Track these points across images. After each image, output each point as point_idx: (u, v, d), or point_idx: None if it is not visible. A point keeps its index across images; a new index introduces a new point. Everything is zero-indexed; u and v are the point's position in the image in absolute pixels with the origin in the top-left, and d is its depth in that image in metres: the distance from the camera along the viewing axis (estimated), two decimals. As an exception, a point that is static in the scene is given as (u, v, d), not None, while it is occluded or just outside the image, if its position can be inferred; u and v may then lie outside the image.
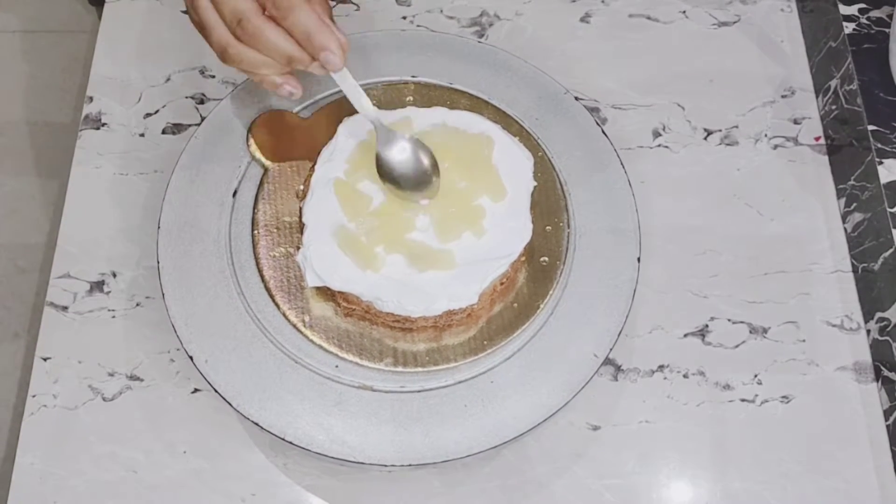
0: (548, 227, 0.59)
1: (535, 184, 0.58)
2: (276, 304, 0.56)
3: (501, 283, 0.56)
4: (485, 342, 0.55)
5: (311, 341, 0.55)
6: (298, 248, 0.56)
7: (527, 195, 0.57)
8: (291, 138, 0.61)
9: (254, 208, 0.59)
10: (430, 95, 0.63)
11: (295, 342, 0.55)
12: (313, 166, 0.58)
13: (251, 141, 0.61)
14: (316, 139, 0.59)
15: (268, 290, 0.56)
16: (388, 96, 0.63)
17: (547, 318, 0.56)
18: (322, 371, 0.54)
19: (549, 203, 0.60)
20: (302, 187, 0.59)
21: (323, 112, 0.62)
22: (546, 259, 0.58)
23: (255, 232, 0.58)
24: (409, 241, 0.55)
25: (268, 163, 0.60)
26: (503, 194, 0.56)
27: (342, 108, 0.59)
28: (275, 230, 0.58)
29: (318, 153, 0.58)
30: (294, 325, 0.55)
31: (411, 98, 0.63)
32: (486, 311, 0.56)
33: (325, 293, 0.56)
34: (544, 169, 0.61)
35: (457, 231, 0.55)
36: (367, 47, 0.65)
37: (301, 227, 0.56)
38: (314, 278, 0.54)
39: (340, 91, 0.53)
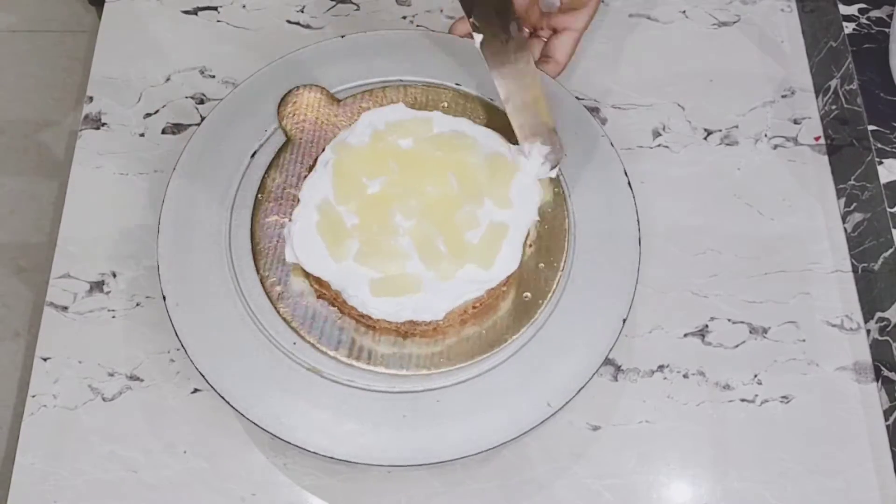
0: (541, 265, 0.58)
1: (538, 219, 0.58)
2: (257, 269, 0.56)
3: (475, 307, 0.56)
4: (443, 360, 0.55)
5: (277, 313, 0.55)
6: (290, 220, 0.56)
7: (524, 227, 0.56)
8: (317, 115, 0.62)
9: (264, 175, 0.60)
10: (464, 106, 0.63)
11: (263, 311, 0.55)
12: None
13: (283, 107, 0.61)
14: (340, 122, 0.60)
15: (254, 254, 0.57)
16: (426, 97, 0.63)
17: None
18: (282, 346, 0.55)
19: (552, 241, 0.59)
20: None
21: (357, 99, 0.62)
22: (528, 295, 0.57)
23: (259, 196, 0.59)
24: (390, 248, 0.55)
25: (292, 132, 0.60)
26: (508, 202, 0.56)
27: (375, 99, 0.61)
28: (279, 199, 0.59)
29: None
30: (267, 294, 0.56)
31: (446, 104, 0.63)
32: (454, 329, 0.55)
33: (304, 271, 0.56)
34: (558, 206, 0.60)
35: (438, 258, 0.55)
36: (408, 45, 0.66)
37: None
38: (291, 254, 0.55)
39: (379, 82, 0.57)
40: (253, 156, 0.61)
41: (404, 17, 0.74)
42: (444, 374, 0.54)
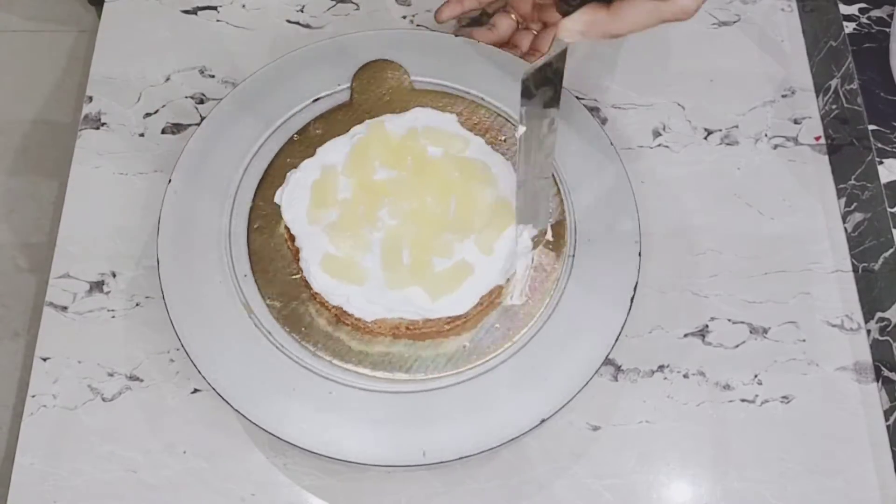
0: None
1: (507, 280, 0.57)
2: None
3: (408, 328, 0.55)
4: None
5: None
6: None
7: (491, 281, 0.56)
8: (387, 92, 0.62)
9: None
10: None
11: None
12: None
13: (363, 71, 0.63)
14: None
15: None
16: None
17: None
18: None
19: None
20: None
21: (426, 94, 0.63)
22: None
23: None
24: (360, 235, 0.55)
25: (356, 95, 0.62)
26: (490, 250, 0.56)
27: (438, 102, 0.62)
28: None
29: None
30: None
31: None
32: (383, 338, 0.55)
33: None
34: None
35: (395, 267, 0.55)
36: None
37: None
38: (279, 195, 0.57)
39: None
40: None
41: (404, 17, 0.74)
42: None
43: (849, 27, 0.68)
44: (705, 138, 0.69)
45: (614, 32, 0.46)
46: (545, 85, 0.48)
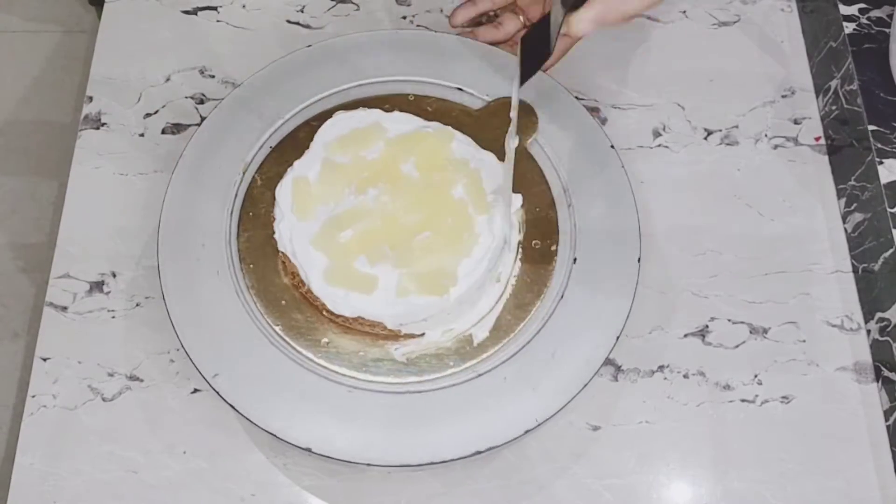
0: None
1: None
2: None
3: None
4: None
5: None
6: None
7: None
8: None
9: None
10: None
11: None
12: None
13: None
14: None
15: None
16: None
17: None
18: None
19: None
20: None
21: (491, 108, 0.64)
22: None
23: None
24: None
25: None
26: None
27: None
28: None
29: None
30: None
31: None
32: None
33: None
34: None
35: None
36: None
37: None
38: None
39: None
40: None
41: (404, 17, 0.74)
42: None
43: (849, 27, 0.68)
44: (705, 138, 0.69)
45: (630, 12, 0.46)
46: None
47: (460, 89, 0.64)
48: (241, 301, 0.56)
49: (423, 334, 0.55)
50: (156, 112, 0.69)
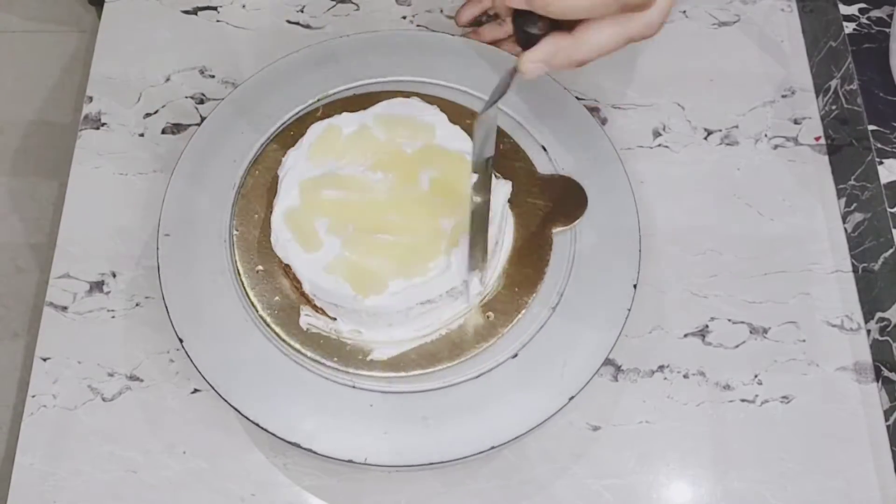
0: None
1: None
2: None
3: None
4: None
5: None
6: None
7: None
8: None
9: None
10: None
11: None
12: None
13: None
14: None
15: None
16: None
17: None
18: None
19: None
20: None
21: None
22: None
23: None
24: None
25: None
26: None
27: None
28: None
29: None
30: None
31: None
32: None
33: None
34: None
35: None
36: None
37: None
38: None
39: None
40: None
41: (404, 17, 0.74)
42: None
43: (849, 27, 0.68)
44: (705, 138, 0.69)
45: (579, 59, 0.45)
46: (490, 131, 0.47)
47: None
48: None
49: (335, 319, 0.55)
50: (156, 112, 0.69)
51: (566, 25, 0.44)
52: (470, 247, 0.53)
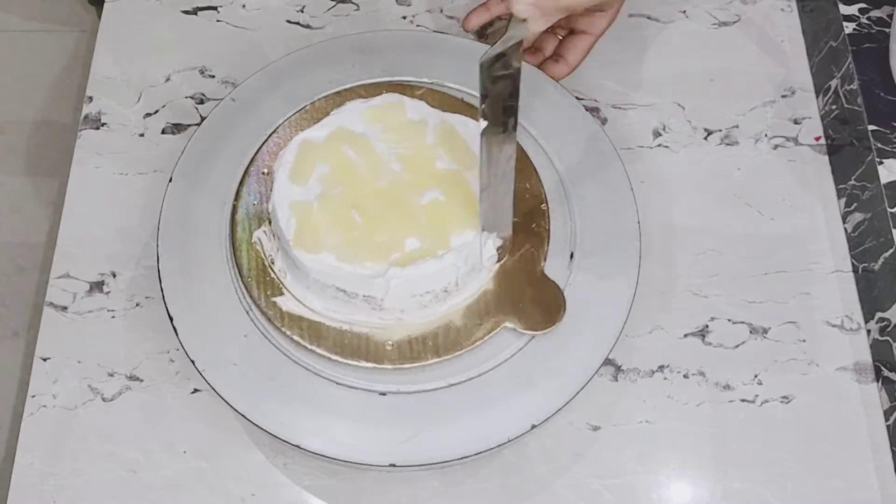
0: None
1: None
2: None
3: None
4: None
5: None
6: None
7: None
8: None
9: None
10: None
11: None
12: None
13: None
14: None
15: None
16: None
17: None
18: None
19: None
20: None
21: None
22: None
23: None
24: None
25: None
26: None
27: None
28: None
29: None
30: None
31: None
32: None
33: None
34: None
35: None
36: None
37: None
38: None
39: None
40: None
41: (404, 17, 0.74)
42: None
43: (849, 27, 0.68)
44: (705, 138, 0.69)
45: (563, 4, 0.46)
46: (504, 79, 0.47)
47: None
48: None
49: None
50: (156, 112, 0.69)
51: None
52: (481, 202, 0.53)
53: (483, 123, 0.48)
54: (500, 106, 0.48)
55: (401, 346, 0.54)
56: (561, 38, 0.67)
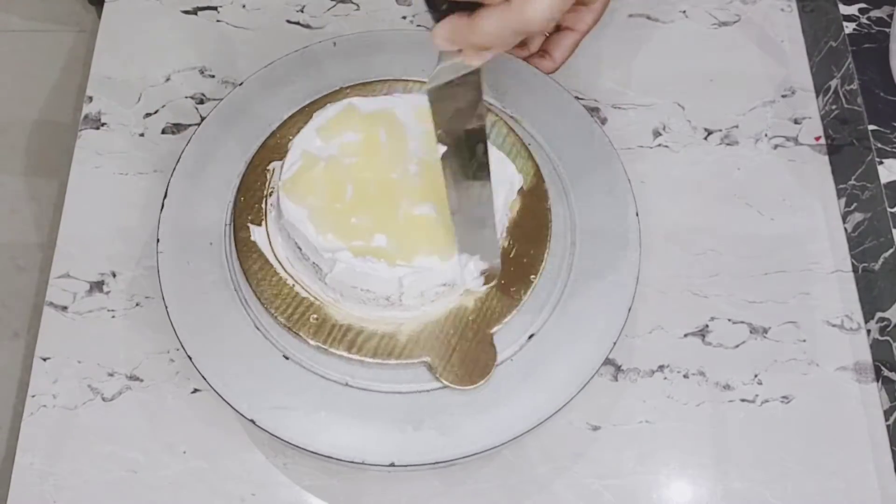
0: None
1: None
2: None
3: None
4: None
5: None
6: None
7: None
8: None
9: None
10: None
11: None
12: None
13: None
14: None
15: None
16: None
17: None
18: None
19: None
20: None
21: None
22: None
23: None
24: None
25: None
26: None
27: None
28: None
29: None
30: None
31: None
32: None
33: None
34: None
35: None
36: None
37: None
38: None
39: None
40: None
41: (404, 17, 0.74)
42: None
43: (849, 27, 0.68)
44: (705, 138, 0.69)
45: (476, 43, 0.44)
46: (461, 108, 0.45)
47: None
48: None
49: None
50: (156, 112, 0.69)
51: (468, 7, 0.43)
52: (455, 225, 0.51)
53: (442, 148, 0.47)
54: (461, 131, 0.46)
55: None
56: (547, 34, 0.67)
